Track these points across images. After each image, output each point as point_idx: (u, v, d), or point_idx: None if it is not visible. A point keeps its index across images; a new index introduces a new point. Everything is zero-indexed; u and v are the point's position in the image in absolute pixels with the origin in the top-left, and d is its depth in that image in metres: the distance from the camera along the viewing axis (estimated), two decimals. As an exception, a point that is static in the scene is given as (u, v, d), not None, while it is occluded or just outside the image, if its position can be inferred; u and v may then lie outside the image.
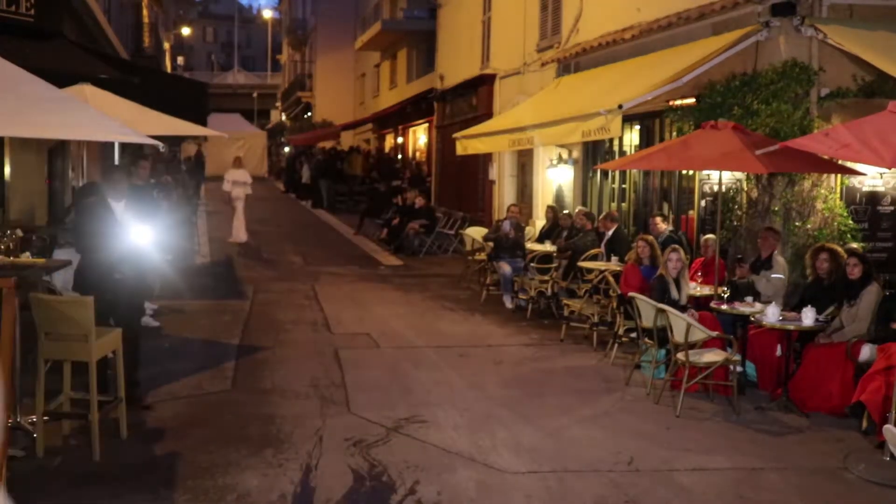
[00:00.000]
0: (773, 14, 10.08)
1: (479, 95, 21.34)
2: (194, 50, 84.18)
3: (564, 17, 16.37)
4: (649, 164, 10.67)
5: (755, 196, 10.35)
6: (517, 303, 12.69)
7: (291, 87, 54.53)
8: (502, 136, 13.80)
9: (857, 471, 6.51)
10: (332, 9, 44.41)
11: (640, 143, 13.53)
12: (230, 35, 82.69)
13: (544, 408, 7.93)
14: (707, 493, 6.10)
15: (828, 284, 8.56)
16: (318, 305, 12.66)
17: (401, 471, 6.26)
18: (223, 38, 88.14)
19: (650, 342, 8.60)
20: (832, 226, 10.00)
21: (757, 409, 8.00)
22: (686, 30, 11.75)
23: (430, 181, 26.87)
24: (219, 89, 58.14)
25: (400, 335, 10.87)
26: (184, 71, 66.72)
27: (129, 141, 7.55)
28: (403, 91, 31.94)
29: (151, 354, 8.96)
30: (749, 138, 8.67)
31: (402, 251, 19.03)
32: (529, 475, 6.31)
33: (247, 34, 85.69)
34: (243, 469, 6.21)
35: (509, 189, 19.89)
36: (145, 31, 30.64)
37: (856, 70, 9.98)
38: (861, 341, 7.86)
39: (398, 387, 8.51)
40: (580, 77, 14.96)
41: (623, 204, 14.18)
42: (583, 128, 10.63)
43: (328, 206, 30.22)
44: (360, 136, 41.08)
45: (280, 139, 52.13)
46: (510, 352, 10.18)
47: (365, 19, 36.78)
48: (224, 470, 6.18)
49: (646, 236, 10.22)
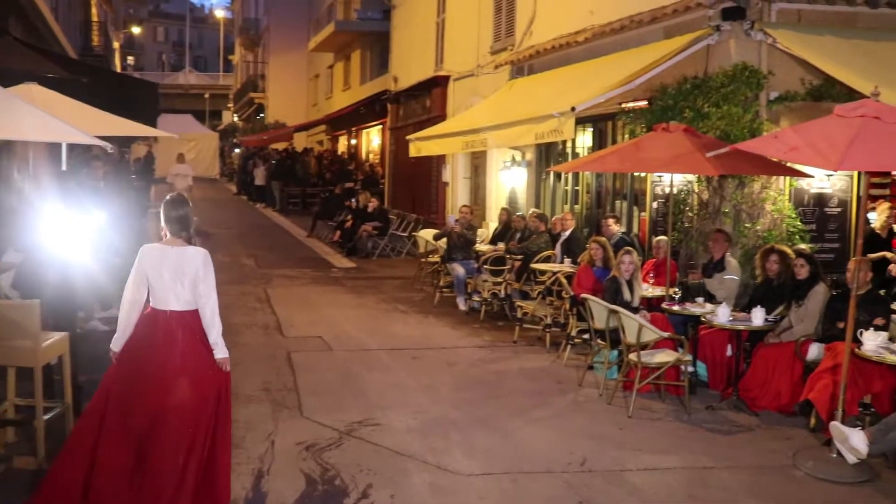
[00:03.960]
0: (724, 18, 10.19)
1: (432, 97, 21.33)
2: (145, 49, 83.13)
3: (518, 20, 16.42)
4: (602, 166, 10.72)
5: (706, 198, 10.46)
6: (470, 305, 12.69)
7: (244, 87, 54.11)
8: (456, 138, 13.79)
9: (805, 468, 6.60)
10: (286, 9, 44.15)
11: (593, 145, 13.61)
12: (181, 35, 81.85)
13: (498, 409, 7.93)
14: (659, 493, 6.14)
15: (777, 285, 8.67)
16: (271, 308, 12.55)
17: (354, 474, 6.21)
18: (174, 37, 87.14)
19: (603, 343, 8.64)
20: (781, 227, 10.14)
21: (708, 408, 8.08)
22: (638, 33, 11.84)
23: (383, 183, 26.79)
24: (170, 89, 57.53)
25: (353, 338, 10.80)
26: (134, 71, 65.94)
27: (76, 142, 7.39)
28: (357, 92, 31.82)
29: (101, 360, 8.79)
30: (700, 141, 8.75)
31: (356, 253, 18.95)
32: (483, 477, 6.30)
33: (198, 34, 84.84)
34: (193, 474, 6.11)
35: (463, 191, 19.90)
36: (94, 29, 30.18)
37: (804, 74, 10.13)
38: (809, 340, 7.98)
39: (351, 390, 8.46)
40: (534, 79, 15.01)
41: (576, 206, 14.25)
42: (536, 130, 10.65)
43: (280, 208, 30.01)
44: (314, 137, 40.85)
45: (232, 140, 51.65)
46: (463, 354, 10.17)
47: (318, 20, 36.57)
48: (173, 475, 6.07)
49: (598, 238, 10.26)
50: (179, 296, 5.24)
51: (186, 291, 5.24)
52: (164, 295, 5.25)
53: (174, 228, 5.34)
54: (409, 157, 16.90)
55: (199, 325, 5.30)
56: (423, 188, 22.32)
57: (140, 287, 5.28)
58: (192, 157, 40.05)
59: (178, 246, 5.32)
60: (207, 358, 5.28)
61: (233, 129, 56.96)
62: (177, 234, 5.35)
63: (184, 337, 5.24)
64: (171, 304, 5.24)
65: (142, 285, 5.27)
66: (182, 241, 5.35)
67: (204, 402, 5.23)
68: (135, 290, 5.28)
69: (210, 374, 5.28)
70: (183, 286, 5.24)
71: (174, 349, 5.22)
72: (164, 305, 5.25)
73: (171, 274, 5.23)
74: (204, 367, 5.27)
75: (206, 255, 5.37)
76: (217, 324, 5.30)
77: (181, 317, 5.25)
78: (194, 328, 5.28)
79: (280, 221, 27.06)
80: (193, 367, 5.23)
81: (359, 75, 33.02)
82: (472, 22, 18.74)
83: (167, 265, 5.24)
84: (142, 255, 5.29)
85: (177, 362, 5.20)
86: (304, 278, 15.77)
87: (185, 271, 5.24)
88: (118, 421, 5.16)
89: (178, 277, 5.23)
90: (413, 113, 23.26)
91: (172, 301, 5.24)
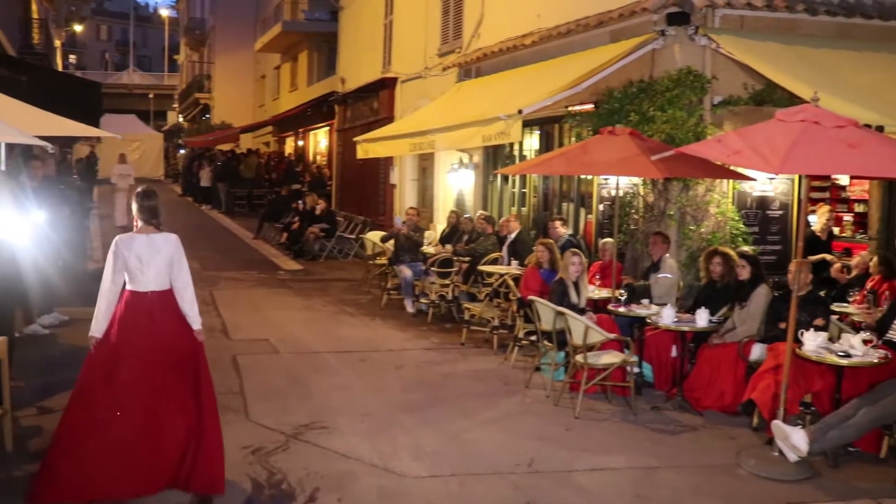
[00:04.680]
0: (669, 23, 10.31)
1: (380, 99, 21.27)
2: (87, 48, 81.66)
3: (466, 22, 16.46)
4: (549, 168, 10.77)
5: (651, 200, 10.57)
6: (418, 307, 12.68)
7: (189, 87, 53.43)
8: (403, 141, 13.78)
9: (748, 466, 6.70)
10: (232, 9, 43.70)
11: (540, 147, 13.68)
12: (125, 33, 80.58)
13: (445, 412, 7.93)
14: (606, 493, 6.18)
15: (720, 287, 8.79)
16: (216, 311, 12.40)
17: (301, 478, 6.16)
18: (118, 36, 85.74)
19: (549, 345, 8.68)
20: (725, 229, 10.28)
21: (653, 408, 8.17)
22: (585, 37, 11.93)
23: (330, 185, 26.65)
24: (113, 89, 56.60)
25: (300, 340, 10.73)
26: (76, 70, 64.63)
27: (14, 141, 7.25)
28: (304, 94, 31.62)
29: (40, 364, 8.63)
30: (645, 144, 8.84)
31: (303, 255, 18.83)
32: (431, 479, 6.29)
33: (143, 33, 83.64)
34: (136, 480, 6.00)
35: (410, 193, 19.88)
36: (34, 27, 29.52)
37: (746, 79, 10.29)
38: (752, 341, 8.10)
39: (298, 393, 8.39)
40: (481, 82, 15.05)
41: (523, 208, 14.32)
42: (483, 132, 10.68)
43: (226, 209, 29.67)
44: (260, 138, 40.51)
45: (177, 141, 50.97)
46: (411, 356, 10.15)
47: (265, 20, 36.31)
48: (116, 481, 5.96)
49: (545, 240, 10.31)
50: (155, 278, 5.79)
51: (162, 274, 5.80)
52: (141, 278, 5.76)
53: (146, 217, 5.87)
54: (357, 158, 16.82)
55: (175, 303, 5.86)
56: (371, 190, 22.25)
57: (118, 274, 5.77)
58: (136, 157, 39.50)
59: (150, 233, 5.85)
60: (186, 331, 5.86)
61: (178, 129, 56.20)
62: (148, 222, 5.87)
63: (162, 314, 5.80)
64: (148, 285, 5.77)
65: (119, 273, 5.77)
66: (153, 228, 5.87)
67: (187, 369, 5.80)
68: (113, 278, 5.76)
69: (189, 344, 5.85)
70: (158, 269, 5.79)
71: (154, 326, 5.75)
72: (143, 288, 5.77)
73: (147, 258, 5.76)
74: (183, 339, 5.83)
75: (177, 239, 5.94)
76: (193, 300, 5.91)
77: (158, 296, 5.80)
78: (171, 306, 5.84)
79: (226, 223, 26.77)
80: (174, 340, 5.79)
81: (306, 76, 32.82)
82: (420, 24, 18.74)
83: (143, 251, 5.76)
84: (118, 245, 5.77)
85: (158, 337, 5.73)
86: (250, 281, 15.62)
87: (161, 255, 5.79)
88: (108, 399, 5.59)
89: (154, 261, 5.77)
90: (361, 115, 23.18)
91: (150, 283, 5.77)
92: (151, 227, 5.87)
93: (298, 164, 32.04)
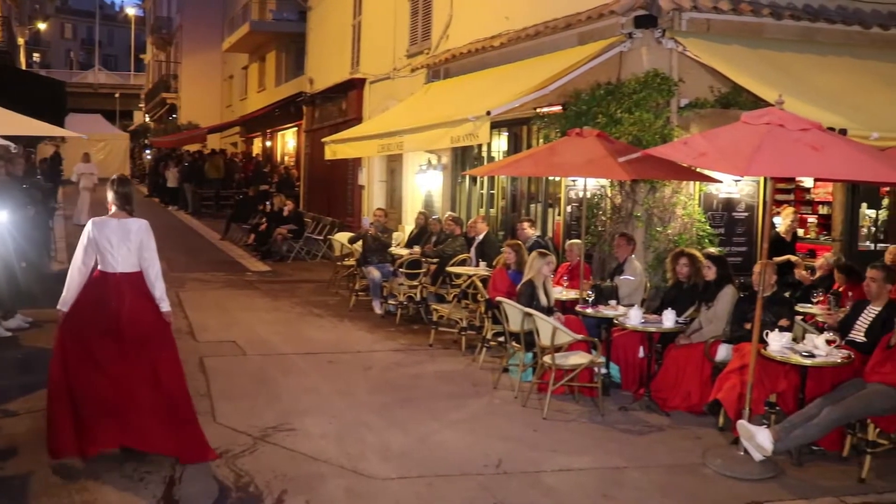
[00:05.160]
0: (636, 26, 10.37)
1: (348, 100, 21.22)
2: (52, 46, 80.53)
3: (434, 24, 16.46)
4: (517, 170, 10.79)
5: (619, 202, 10.63)
6: (386, 308, 12.66)
7: (156, 87, 52.97)
8: (372, 142, 13.75)
9: (713, 466, 6.76)
10: (199, 8, 43.33)
11: (509, 149, 13.71)
12: (91, 32, 79.70)
13: (414, 413, 7.92)
14: (573, 493, 6.20)
15: (687, 287, 8.86)
16: (183, 312, 12.28)
17: (268, 481, 6.13)
18: (83, 34, 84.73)
19: (517, 346, 8.71)
20: (691, 231, 10.36)
21: (621, 409, 8.21)
22: (553, 39, 11.98)
23: (298, 186, 26.54)
24: (78, 88, 56.01)
25: (267, 342, 10.67)
26: (40, 68, 63.73)
27: (-25, 140, 7.15)
28: (272, 94, 31.45)
29: (3, 366, 8.51)
30: (613, 146, 8.88)
31: (270, 257, 18.74)
32: (399, 481, 6.28)
33: (108, 31, 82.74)
34: (102, 484, 5.94)
35: (379, 194, 19.84)
36: (-3, 24, 29.14)
37: (713, 82, 10.39)
38: (718, 342, 8.17)
39: (266, 395, 8.35)
40: (450, 83, 15.06)
41: (492, 210, 14.35)
42: (451, 134, 10.69)
43: (193, 210, 29.45)
44: (228, 139, 40.24)
45: (143, 141, 50.50)
46: (379, 357, 10.13)
47: (233, 20, 36.05)
48: (82, 486, 5.90)
49: (512, 242, 10.33)
50: (125, 260, 6.23)
51: (132, 256, 6.24)
52: (112, 260, 6.21)
53: (120, 202, 6.33)
54: (325, 159, 16.77)
55: (142, 284, 6.29)
56: (339, 191, 22.19)
57: (89, 255, 6.23)
58: (101, 157, 39.02)
59: (123, 218, 6.30)
60: (153, 309, 6.30)
61: (144, 129, 55.69)
62: (121, 208, 6.33)
63: (130, 294, 6.22)
64: (118, 267, 6.21)
65: (90, 253, 6.22)
66: (125, 213, 6.33)
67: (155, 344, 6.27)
68: (84, 257, 6.22)
69: (155, 322, 6.31)
70: (129, 251, 6.22)
71: (123, 304, 6.16)
72: (112, 269, 6.21)
73: (119, 241, 6.20)
74: (150, 317, 6.28)
75: (147, 224, 6.35)
76: (161, 283, 6.34)
77: (128, 277, 6.24)
78: (139, 286, 6.28)
79: (193, 224, 26.57)
80: (141, 318, 6.22)
81: (274, 77, 32.65)
82: (389, 25, 18.71)
83: (115, 234, 6.20)
84: (92, 227, 6.21)
85: (127, 314, 6.15)
86: (217, 282, 15.52)
87: (131, 239, 6.22)
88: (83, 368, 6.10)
89: (125, 244, 6.21)
90: (329, 115, 23.10)
91: (119, 265, 6.21)
92: (124, 212, 6.31)
93: (266, 164, 31.86)
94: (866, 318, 7.55)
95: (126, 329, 6.12)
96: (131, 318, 6.15)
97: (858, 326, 7.57)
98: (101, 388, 6.07)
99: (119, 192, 6.34)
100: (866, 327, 7.49)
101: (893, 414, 6.58)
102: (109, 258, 6.19)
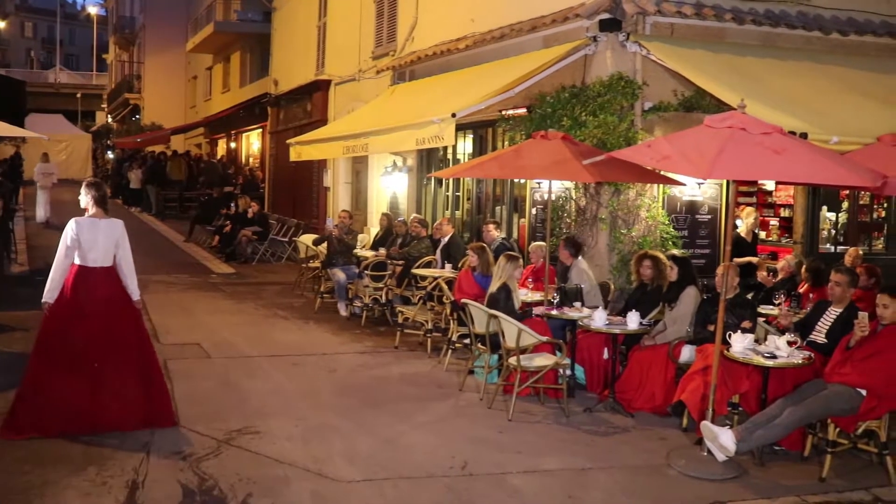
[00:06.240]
0: (601, 29, 10.43)
1: (313, 101, 21.14)
2: (11, 45, 79.33)
3: (400, 26, 16.45)
4: (482, 172, 10.81)
5: (584, 204, 10.69)
6: (352, 310, 12.62)
7: (118, 87, 52.38)
8: (337, 143, 13.71)
9: (678, 466, 6.81)
10: (163, 8, 42.96)
11: (474, 151, 13.74)
12: (52, 31, 78.52)
13: (379, 415, 7.91)
14: (539, 495, 6.22)
15: (651, 289, 8.93)
16: (147, 315, 12.06)
17: (233, 484, 6.08)
18: (44, 33, 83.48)
19: (483, 348, 8.72)
20: (655, 233, 10.45)
21: (586, 410, 8.25)
22: (518, 41, 12.02)
23: (263, 187, 26.39)
24: (39, 88, 55.25)
25: (232, 345, 10.59)
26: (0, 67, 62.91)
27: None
28: (237, 95, 31.25)
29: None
30: (577, 148, 8.93)
31: (235, 259, 18.62)
32: (365, 483, 6.26)
33: (70, 31, 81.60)
34: (63, 489, 5.87)
35: (344, 196, 19.79)
36: (-45, 23, 28.68)
37: (676, 85, 10.48)
38: (682, 343, 8.24)
39: (230, 398, 8.29)
40: (415, 85, 15.06)
41: (457, 212, 14.36)
42: (417, 135, 10.68)
43: (157, 212, 29.17)
44: (192, 140, 39.92)
45: (106, 142, 49.90)
46: (345, 360, 10.10)
47: (197, 20, 35.78)
48: (41, 491, 5.82)
49: (476, 244, 10.32)
50: (102, 255, 6.99)
51: (108, 252, 7.01)
52: (90, 255, 6.94)
53: (98, 204, 7.06)
54: (290, 161, 16.71)
55: (117, 277, 7.08)
56: (304, 193, 22.10)
57: (71, 251, 6.90)
58: (63, 158, 38.55)
59: (100, 217, 7.05)
60: (126, 299, 7.12)
61: (107, 130, 55.01)
62: (100, 208, 7.07)
63: (106, 285, 7.01)
64: (97, 262, 6.97)
65: (72, 249, 6.89)
66: (102, 213, 7.07)
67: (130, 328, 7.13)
68: (66, 253, 6.89)
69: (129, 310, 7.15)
70: (106, 248, 6.99)
71: (101, 294, 6.97)
72: (91, 263, 6.95)
73: (97, 239, 6.95)
74: (125, 305, 7.11)
75: (122, 224, 7.15)
76: (134, 276, 7.13)
77: (104, 271, 7.01)
78: (114, 278, 7.06)
79: (156, 226, 26.31)
80: (117, 306, 7.05)
81: (238, 78, 32.45)
82: (354, 26, 18.66)
83: (94, 232, 6.95)
84: (74, 226, 6.89)
85: (105, 303, 6.99)
86: (181, 284, 15.38)
87: (109, 236, 7.01)
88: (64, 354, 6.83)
89: (103, 241, 6.98)
90: (294, 117, 23.01)
91: (98, 260, 6.97)
92: (102, 212, 7.06)
93: (228, 165, 31.62)
94: (827, 320, 7.66)
95: (105, 316, 6.95)
96: (109, 306, 7.00)
97: (819, 328, 7.68)
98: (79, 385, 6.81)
99: (97, 194, 7.07)
100: (827, 329, 7.60)
101: (853, 414, 6.66)
102: (89, 254, 6.91)
